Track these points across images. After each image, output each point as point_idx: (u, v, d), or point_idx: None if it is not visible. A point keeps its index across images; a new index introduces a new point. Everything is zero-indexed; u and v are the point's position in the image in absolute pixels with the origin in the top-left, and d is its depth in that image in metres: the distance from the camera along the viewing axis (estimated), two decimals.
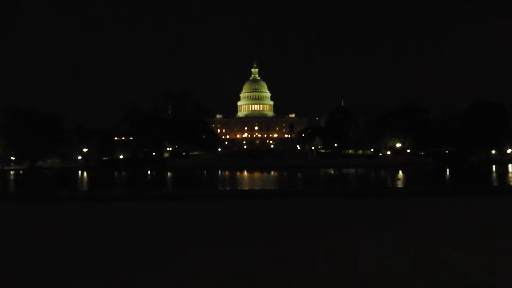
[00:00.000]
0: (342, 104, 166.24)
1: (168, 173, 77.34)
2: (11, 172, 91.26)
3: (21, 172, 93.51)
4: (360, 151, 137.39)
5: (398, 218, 13.58)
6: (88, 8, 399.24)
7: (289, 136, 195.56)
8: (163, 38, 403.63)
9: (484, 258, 7.90)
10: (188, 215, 15.60)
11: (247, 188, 38.56)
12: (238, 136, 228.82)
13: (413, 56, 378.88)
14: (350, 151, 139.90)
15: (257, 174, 68.70)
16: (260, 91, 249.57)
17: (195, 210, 17.15)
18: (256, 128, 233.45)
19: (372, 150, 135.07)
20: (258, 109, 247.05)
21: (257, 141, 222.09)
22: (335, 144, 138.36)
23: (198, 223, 13.31)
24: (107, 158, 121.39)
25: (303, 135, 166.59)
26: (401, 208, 16.42)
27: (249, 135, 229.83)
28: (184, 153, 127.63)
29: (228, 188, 39.50)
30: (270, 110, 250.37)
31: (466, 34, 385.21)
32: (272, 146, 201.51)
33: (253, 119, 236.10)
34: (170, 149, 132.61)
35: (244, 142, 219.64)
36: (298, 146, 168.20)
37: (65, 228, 12.66)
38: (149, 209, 17.49)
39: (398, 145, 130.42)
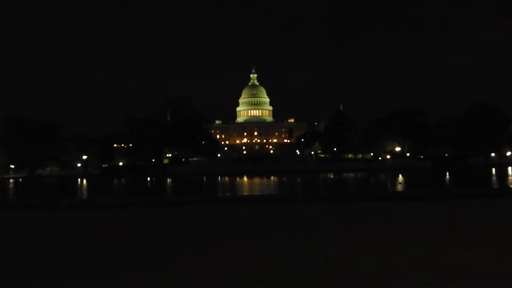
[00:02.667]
0: (341, 108, 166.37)
1: (168, 180, 77.25)
2: (11, 180, 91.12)
3: (20, 180, 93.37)
4: (360, 156, 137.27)
5: (398, 222, 13.57)
6: (88, 14, 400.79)
7: (289, 141, 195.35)
8: (162, 45, 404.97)
9: (485, 261, 7.91)
10: (187, 221, 15.59)
11: (246, 194, 38.53)
12: (237, 141, 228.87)
13: (410, 61, 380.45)
14: (350, 155, 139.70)
15: (256, 180, 68.66)
16: (259, 97, 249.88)
17: (195, 216, 17.13)
18: (256, 133, 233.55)
19: (371, 154, 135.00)
20: (257, 114, 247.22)
21: (257, 147, 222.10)
22: (335, 149, 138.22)
23: (198, 229, 13.29)
24: (106, 165, 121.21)
25: (302, 140, 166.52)
26: (401, 212, 16.41)
27: (248, 141, 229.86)
28: (183, 160, 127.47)
29: (228, 194, 39.46)
30: (269, 115, 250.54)
31: (461, 38, 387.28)
32: (271, 151, 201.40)
33: (252, 125, 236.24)
34: (170, 155, 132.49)
35: (244, 147, 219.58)
36: (297, 151, 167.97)
37: (65, 235, 12.65)
38: (149, 216, 17.47)
39: (398, 149, 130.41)
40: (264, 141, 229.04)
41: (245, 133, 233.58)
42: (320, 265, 7.97)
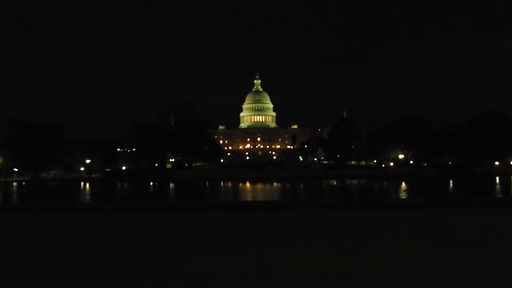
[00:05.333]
0: (345, 115, 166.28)
1: (171, 184, 77.27)
2: (14, 183, 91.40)
3: (23, 183, 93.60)
4: (363, 163, 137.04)
5: (401, 230, 13.50)
6: (93, 20, 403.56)
7: (292, 147, 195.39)
8: (166, 50, 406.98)
9: (488, 270, 7.84)
10: (194, 226, 15.58)
11: (249, 199, 38.44)
12: (240, 147, 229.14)
13: (412, 68, 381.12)
14: (353, 162, 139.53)
15: (259, 185, 68.58)
16: (263, 102, 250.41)
17: (199, 221, 17.12)
18: (259, 139, 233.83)
19: (375, 161, 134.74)
20: (261, 120, 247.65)
21: (260, 152, 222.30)
22: (338, 155, 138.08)
23: (202, 234, 13.28)
24: (109, 169, 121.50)
25: (305, 146, 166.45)
26: (404, 220, 16.32)
27: (251, 146, 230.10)
28: (186, 165, 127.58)
29: (230, 200, 39.39)
30: (272, 121, 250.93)
31: (462, 46, 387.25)
32: (274, 157, 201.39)
33: (255, 130, 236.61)
34: (173, 160, 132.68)
35: (247, 153, 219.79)
36: (300, 157, 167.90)
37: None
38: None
39: (401, 156, 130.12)
40: (267, 147, 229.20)
41: (249, 139, 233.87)
42: (322, 271, 7.93)
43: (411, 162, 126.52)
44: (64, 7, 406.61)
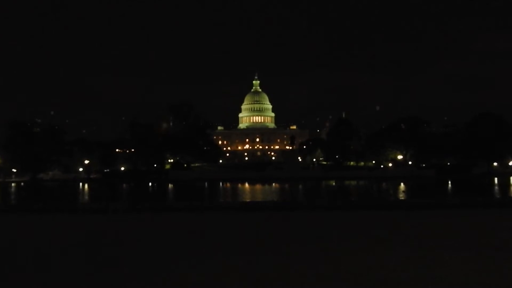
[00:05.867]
0: (343, 116, 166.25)
1: (170, 185, 77.22)
2: (12, 184, 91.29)
3: (22, 184, 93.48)
4: (362, 163, 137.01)
5: (401, 230, 13.51)
6: (91, 19, 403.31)
7: (291, 148, 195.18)
8: (166, 50, 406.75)
9: (488, 270, 7.86)
10: (193, 226, 15.58)
11: (248, 200, 38.45)
12: (239, 148, 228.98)
13: (412, 69, 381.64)
14: (352, 163, 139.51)
15: (258, 186, 68.58)
16: (262, 103, 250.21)
17: (198, 221, 17.12)
18: (258, 140, 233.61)
19: (374, 162, 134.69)
20: (260, 120, 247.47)
21: (259, 153, 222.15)
22: (337, 156, 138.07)
23: (201, 234, 13.27)
24: (108, 170, 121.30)
25: (304, 147, 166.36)
26: (403, 221, 16.34)
27: (250, 147, 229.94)
28: (185, 165, 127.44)
29: (230, 200, 39.38)
30: (271, 122, 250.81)
31: (462, 46, 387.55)
32: (273, 158, 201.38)
33: (254, 131, 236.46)
34: (172, 161, 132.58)
35: (246, 153, 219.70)
36: (299, 158, 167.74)
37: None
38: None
39: (400, 157, 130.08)
40: (266, 147, 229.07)
41: (247, 140, 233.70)
42: (321, 272, 7.93)
43: (410, 163, 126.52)
44: (64, 7, 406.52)
